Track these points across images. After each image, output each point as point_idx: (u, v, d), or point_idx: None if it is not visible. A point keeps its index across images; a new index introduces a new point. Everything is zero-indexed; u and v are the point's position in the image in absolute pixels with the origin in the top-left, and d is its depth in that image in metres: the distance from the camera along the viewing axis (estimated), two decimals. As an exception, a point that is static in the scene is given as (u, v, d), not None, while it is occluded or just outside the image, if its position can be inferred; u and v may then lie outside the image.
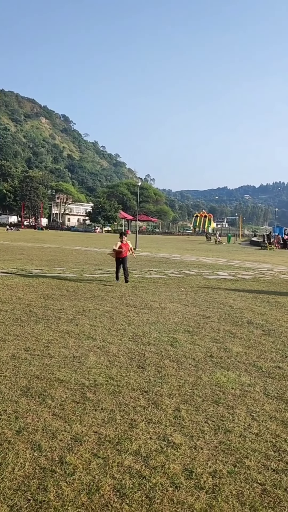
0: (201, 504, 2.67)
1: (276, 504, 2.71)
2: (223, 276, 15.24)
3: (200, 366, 5.29)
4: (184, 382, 4.73)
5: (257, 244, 45.84)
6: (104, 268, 15.77)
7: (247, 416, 3.96)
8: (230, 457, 3.24)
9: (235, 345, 6.30)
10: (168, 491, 2.78)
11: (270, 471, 3.08)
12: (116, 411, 3.94)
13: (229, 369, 5.22)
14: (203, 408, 4.09)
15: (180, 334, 6.75)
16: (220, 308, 9.09)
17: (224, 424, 3.77)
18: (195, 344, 6.24)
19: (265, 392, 4.55)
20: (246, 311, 8.86)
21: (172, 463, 3.11)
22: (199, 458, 3.20)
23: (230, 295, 10.85)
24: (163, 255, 24.25)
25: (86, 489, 2.76)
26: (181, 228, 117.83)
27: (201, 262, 21.06)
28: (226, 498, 2.74)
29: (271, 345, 6.40)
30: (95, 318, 7.63)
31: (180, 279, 13.54)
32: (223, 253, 30.69)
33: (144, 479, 2.90)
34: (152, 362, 5.37)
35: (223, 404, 4.20)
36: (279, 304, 9.89)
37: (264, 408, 4.14)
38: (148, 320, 7.66)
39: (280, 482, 2.95)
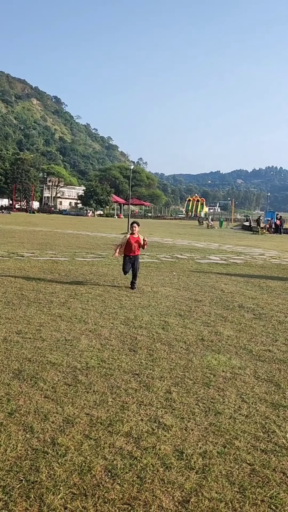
0: (191, 484, 2.71)
1: (264, 484, 2.76)
2: (215, 260, 15.29)
3: (191, 349, 5.34)
4: (176, 365, 4.77)
5: (249, 229, 45.95)
6: (96, 252, 15.74)
7: (237, 398, 4.01)
8: (220, 438, 3.29)
9: (226, 328, 6.35)
10: (159, 471, 2.82)
11: (259, 452, 3.13)
12: (108, 393, 3.97)
13: (220, 352, 5.27)
14: (194, 390, 4.14)
15: (171, 318, 6.79)
16: (212, 292, 9.13)
17: (214, 406, 3.82)
18: (187, 327, 6.28)
19: (255, 375, 4.61)
20: (237, 295, 8.92)
21: (163, 444, 3.15)
22: (190, 439, 3.24)
23: (222, 279, 10.90)
24: (155, 239, 24.23)
25: (77, 469, 2.80)
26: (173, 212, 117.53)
27: (193, 246, 21.10)
28: (215, 478, 2.79)
29: (262, 328, 6.46)
30: (87, 301, 7.64)
31: (172, 263, 13.57)
32: (215, 237, 30.75)
33: (135, 460, 2.94)
34: (143, 345, 5.40)
35: (213, 386, 4.25)
36: (270, 288, 9.96)
37: (254, 391, 4.20)
38: (140, 303, 7.68)
39: (269, 462, 3.00)
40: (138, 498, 2.55)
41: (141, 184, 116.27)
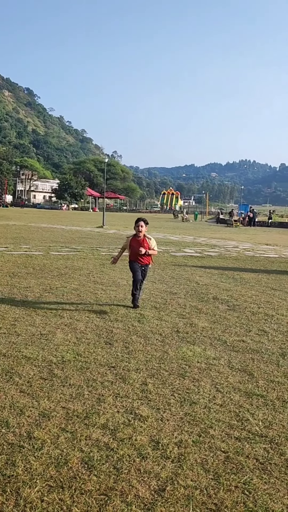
0: (167, 473, 2.76)
1: (238, 470, 2.83)
2: (189, 253, 15.41)
3: (166, 341, 5.39)
4: (151, 357, 4.81)
5: (223, 222, 46.42)
6: (71, 246, 15.64)
7: (212, 388, 4.08)
8: (195, 427, 3.35)
9: (201, 320, 6.43)
10: (135, 462, 2.86)
11: (233, 440, 3.20)
12: (84, 386, 3.98)
13: (195, 343, 5.34)
14: (169, 381, 4.18)
15: (147, 310, 6.82)
16: (187, 284, 9.22)
17: (189, 396, 3.88)
18: (162, 319, 6.33)
19: (229, 365, 4.69)
20: (212, 287, 9.03)
21: (139, 435, 3.18)
22: (165, 429, 3.29)
23: (197, 271, 11.01)
24: (131, 233, 24.23)
25: (54, 462, 2.80)
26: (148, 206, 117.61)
27: (168, 239, 21.20)
28: (191, 466, 2.84)
29: (236, 320, 6.56)
30: (62, 295, 7.60)
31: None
32: (190, 230, 30.96)
33: (112, 451, 2.96)
34: (119, 338, 5.42)
35: (189, 377, 4.31)
36: (243, 280, 10.12)
37: (228, 380, 4.28)
38: (115, 297, 7.69)
39: (243, 449, 3.08)
40: (115, 489, 2.58)
41: (116, 177, 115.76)
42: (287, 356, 5.05)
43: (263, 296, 8.46)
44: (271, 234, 31.48)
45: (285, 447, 3.12)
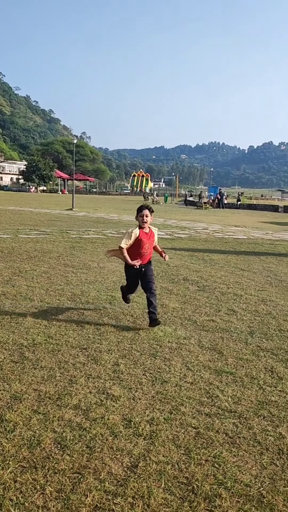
0: (139, 450, 2.81)
1: (208, 445, 2.91)
2: (160, 235, 15.41)
3: (138, 322, 5.43)
4: (123, 338, 4.84)
5: (193, 204, 46.68)
6: (40, 229, 15.42)
7: (183, 367, 4.15)
8: (166, 405, 3.41)
9: (172, 301, 6.50)
10: (108, 440, 2.90)
11: (203, 416, 3.28)
12: (55, 368, 3.98)
13: (165, 324, 5.40)
14: (141, 361, 4.23)
15: (118, 293, 6.82)
16: (157, 266, 9.26)
17: (161, 375, 3.94)
18: (133, 301, 6.36)
19: (199, 344, 4.78)
20: (182, 269, 9.11)
21: (111, 414, 3.22)
22: (137, 408, 3.34)
23: (167, 253, 11.03)
24: (100, 215, 24.08)
25: (27, 443, 2.81)
26: (118, 188, 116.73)
27: (139, 221, 21.17)
28: (162, 443, 2.90)
29: (206, 300, 6.67)
30: (32, 279, 7.51)
31: (118, 239, 13.55)
32: (160, 212, 30.98)
33: (85, 431, 2.99)
34: (91, 320, 5.43)
35: (160, 356, 4.37)
36: (213, 262, 10.26)
37: (198, 359, 4.36)
38: (86, 279, 7.66)
39: (213, 425, 3.16)
40: (88, 467, 2.62)
41: (85, 159, 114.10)
42: (255, 334, 5.19)
43: (232, 276, 8.61)
44: (240, 216, 31.89)
45: (253, 421, 3.23)
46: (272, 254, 12.08)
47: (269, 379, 3.98)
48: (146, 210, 5.34)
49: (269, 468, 2.70)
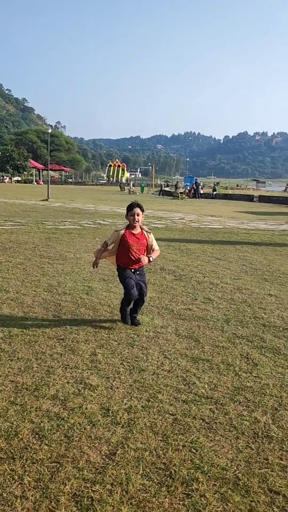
0: (118, 437, 2.83)
1: (186, 431, 2.96)
2: (136, 225, 15.45)
3: (115, 312, 5.43)
4: (100, 328, 4.85)
5: (169, 194, 46.74)
6: (15, 220, 15.20)
7: (160, 355, 4.19)
8: (144, 393, 3.44)
9: (149, 290, 6.50)
10: (86, 429, 2.91)
11: (180, 403, 3.33)
12: (32, 359, 3.96)
13: (143, 313, 5.42)
14: (118, 351, 4.25)
15: (95, 283, 6.83)
16: (134, 256, 9.27)
17: (138, 364, 3.97)
18: (110, 291, 6.37)
19: (176, 333, 4.82)
20: (159, 258, 9.14)
21: (89, 404, 3.23)
22: (115, 397, 3.36)
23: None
24: (76, 206, 23.88)
25: (4, 435, 2.80)
26: (94, 178, 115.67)
27: (115, 212, 21.09)
28: (140, 430, 2.93)
29: (182, 289, 6.72)
30: (8, 270, 7.42)
31: (95, 229, 13.51)
32: (136, 203, 30.91)
33: (63, 421, 3.00)
34: (68, 311, 5.41)
35: (137, 345, 4.39)
36: (189, 251, 10.33)
37: (175, 347, 4.40)
38: (63, 270, 7.62)
39: (190, 411, 3.21)
40: (66, 456, 2.63)
41: (60, 149, 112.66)
42: (231, 322, 5.26)
43: (208, 265, 8.69)
44: (216, 205, 32.11)
45: (229, 407, 3.29)
46: (247, 243, 12.24)
47: (244, 365, 4.05)
48: (137, 209, 4.81)
49: (244, 452, 2.76)
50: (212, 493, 2.37)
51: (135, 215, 4.80)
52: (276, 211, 28.68)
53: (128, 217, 4.88)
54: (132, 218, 4.81)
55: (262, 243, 12.30)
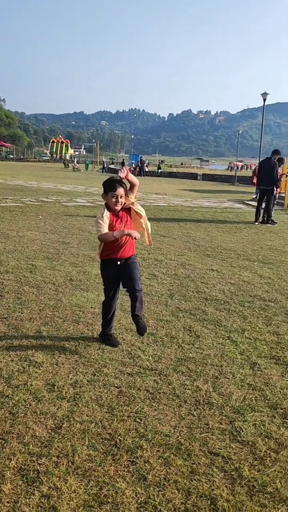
0: (63, 412, 2.86)
1: (130, 402, 3.04)
2: (82, 203, 15.26)
3: (60, 289, 5.40)
4: (45, 306, 4.81)
5: (115, 172, 46.40)
6: None
7: (105, 331, 4.23)
8: (89, 368, 3.48)
9: (94, 268, 6.51)
10: (31, 405, 2.91)
11: (125, 375, 3.40)
12: (-26, 339, 3.87)
13: (88, 290, 5.43)
14: (64, 328, 4.25)
15: (39, 261, 6.72)
16: (79, 234, 9.20)
17: (84, 340, 3.99)
18: (55, 269, 6.30)
19: (121, 308, 4.87)
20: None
21: (34, 380, 3.23)
22: (61, 373, 3.38)
23: (89, 221, 10.99)
24: (19, 183, 23.15)
25: None
26: (37, 154, 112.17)
27: (59, 189, 20.69)
28: (86, 403, 2.98)
29: (127, 266, 6.76)
30: None
31: (38, 207, 13.21)
32: (81, 180, 30.50)
33: (7, 398, 2.98)
34: (11, 289, 5.30)
35: (83, 322, 4.41)
36: (135, 228, 10.37)
37: (121, 322, 4.46)
38: (5, 249, 7.42)
39: (134, 383, 3.29)
40: (11, 432, 2.63)
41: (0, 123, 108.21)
42: (174, 296, 5.39)
43: (153, 242, 8.78)
44: (161, 183, 32.31)
45: (173, 377, 3.40)
46: (190, 220, 12.47)
47: (187, 337, 4.19)
48: (120, 189, 3.63)
49: (186, 419, 2.88)
50: (156, 459, 2.47)
51: (118, 197, 3.62)
52: (219, 189, 29.33)
53: (109, 198, 3.67)
54: (114, 201, 3.63)
55: (205, 220, 12.57)
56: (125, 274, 3.80)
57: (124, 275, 3.81)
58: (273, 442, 2.68)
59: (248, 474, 2.39)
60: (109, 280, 3.95)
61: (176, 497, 2.20)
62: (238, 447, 2.62)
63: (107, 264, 3.89)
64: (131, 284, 3.74)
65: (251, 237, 10.17)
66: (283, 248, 8.88)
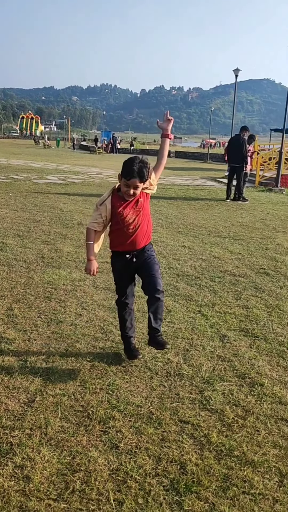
0: (36, 386, 2.89)
1: (103, 375, 3.09)
2: (53, 180, 15.03)
3: (31, 267, 5.37)
4: (16, 284, 4.78)
5: (87, 149, 45.75)
6: None
7: (78, 307, 4.26)
8: (62, 343, 3.51)
9: (66, 245, 6.49)
10: (4, 380, 2.93)
11: (98, 350, 3.45)
12: None
13: (60, 267, 5.41)
14: (35, 305, 4.25)
15: (10, 239, 6.64)
16: (51, 211, 9.10)
17: (56, 316, 4.01)
18: (26, 247, 6.24)
19: (94, 285, 4.90)
20: (76, 214, 9.05)
21: (6, 356, 3.24)
22: (33, 349, 3.40)
23: (61, 198, 10.87)
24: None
25: None
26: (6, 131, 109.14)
27: (30, 166, 20.28)
28: (59, 378, 3.02)
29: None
30: None
31: (8, 184, 12.95)
32: (52, 157, 29.91)
33: (-21, 375, 2.99)
34: (-19, 267, 5.24)
35: (55, 299, 4.42)
36: (107, 206, 10.32)
37: (93, 299, 4.49)
38: (-26, 227, 7.29)
39: (107, 357, 3.34)
40: (-16, 407, 2.65)
41: None
42: (147, 273, 5.43)
43: (126, 220, 8.78)
44: (133, 161, 32.00)
45: (144, 350, 3.47)
46: (163, 198, 12.47)
47: (159, 312, 4.25)
48: (135, 180, 2.95)
49: (157, 389, 2.96)
50: (128, 428, 2.54)
51: (131, 189, 3.00)
52: (191, 166, 29.34)
53: (122, 186, 3.06)
54: (126, 190, 3.02)
55: (177, 198, 12.60)
56: (141, 271, 3.19)
57: (139, 272, 3.23)
58: (241, 410, 2.80)
59: (216, 439, 2.49)
60: (117, 276, 3.35)
61: (147, 463, 2.28)
62: (207, 415, 2.71)
63: (115, 257, 3.26)
64: (149, 283, 3.07)
65: (223, 214, 10.28)
66: (253, 225, 9.02)
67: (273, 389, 3.05)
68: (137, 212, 3.08)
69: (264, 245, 7.23)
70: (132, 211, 3.07)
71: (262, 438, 2.53)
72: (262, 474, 2.26)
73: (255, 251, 6.81)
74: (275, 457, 2.39)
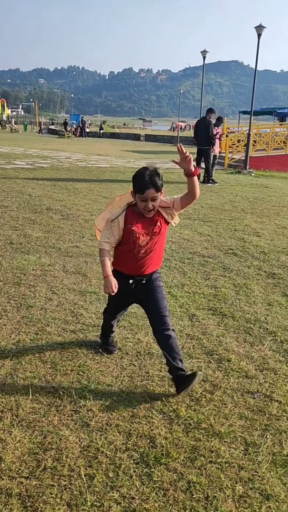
0: (6, 370, 2.91)
1: (74, 357, 3.13)
2: (20, 165, 14.75)
3: (0, 253, 5.31)
4: (-16, 270, 4.73)
5: (55, 133, 44.98)
6: None
7: (48, 291, 4.26)
8: (32, 327, 3.52)
9: (35, 230, 6.43)
10: (-27, 366, 2.93)
11: (68, 333, 3.47)
12: None
13: (29, 253, 5.38)
14: (4, 290, 4.22)
15: (-23, 225, 6.52)
16: (19, 197, 8.96)
17: (26, 301, 4.00)
18: (-7, 233, 6.15)
19: (64, 269, 4.89)
20: (45, 198, 8.95)
21: (-24, 342, 3.23)
22: (3, 333, 3.39)
23: (29, 183, 10.70)
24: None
25: None
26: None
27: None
28: (29, 361, 3.03)
29: (69, 228, 6.73)
30: None
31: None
32: (19, 142, 29.27)
33: None
34: None
35: (24, 284, 4.40)
36: (76, 190, 10.23)
37: (63, 283, 4.49)
38: None
39: (77, 339, 3.37)
40: None
41: None
42: (117, 256, 5.46)
43: (95, 204, 8.74)
44: (103, 144, 31.75)
45: (115, 332, 3.51)
46: (133, 181, 12.44)
47: (129, 294, 4.29)
48: (151, 190, 2.59)
49: (128, 369, 3.02)
50: (98, 407, 2.59)
51: (149, 202, 2.62)
52: (161, 150, 29.29)
53: (137, 200, 2.68)
54: (144, 206, 2.63)
55: (147, 181, 12.57)
56: (147, 304, 2.88)
57: (144, 305, 2.93)
58: (209, 385, 2.89)
59: (184, 414, 2.57)
60: (113, 299, 3.02)
61: (117, 439, 2.34)
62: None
63: (116, 277, 2.75)
64: (158, 322, 2.79)
65: (192, 196, 10.34)
66: (222, 207, 9.14)
67: (239, 364, 3.16)
68: (151, 236, 2.72)
69: (233, 227, 7.35)
70: (147, 232, 2.71)
71: (229, 410, 2.63)
72: (229, 444, 2.36)
73: (224, 232, 6.92)
74: (241, 427, 2.49)
